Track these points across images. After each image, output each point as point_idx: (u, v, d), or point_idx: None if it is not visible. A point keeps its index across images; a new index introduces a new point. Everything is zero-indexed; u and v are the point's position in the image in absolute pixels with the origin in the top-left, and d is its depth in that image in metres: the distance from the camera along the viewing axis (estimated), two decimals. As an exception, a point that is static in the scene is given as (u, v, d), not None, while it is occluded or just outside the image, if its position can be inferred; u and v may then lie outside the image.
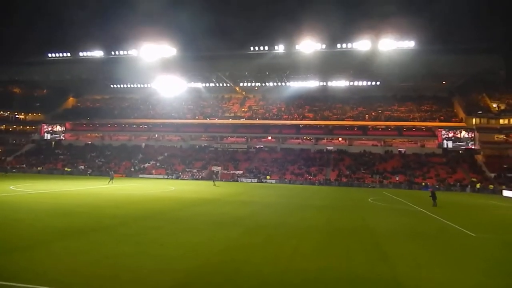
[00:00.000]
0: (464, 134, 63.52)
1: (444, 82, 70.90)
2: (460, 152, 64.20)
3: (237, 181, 59.39)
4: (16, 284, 7.49)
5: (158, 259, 9.74)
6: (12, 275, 8.05)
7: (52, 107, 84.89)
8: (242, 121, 75.73)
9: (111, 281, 7.92)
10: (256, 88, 79.54)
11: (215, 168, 62.45)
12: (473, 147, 63.04)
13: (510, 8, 66.68)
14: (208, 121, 76.91)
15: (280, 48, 62.88)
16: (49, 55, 73.51)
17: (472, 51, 58.30)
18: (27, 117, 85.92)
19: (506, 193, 46.49)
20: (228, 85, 77.89)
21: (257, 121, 74.98)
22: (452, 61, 59.86)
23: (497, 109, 64.96)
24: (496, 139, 63.15)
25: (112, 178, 42.87)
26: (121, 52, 69.55)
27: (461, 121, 66.17)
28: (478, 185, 52.05)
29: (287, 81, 74.06)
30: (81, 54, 71.92)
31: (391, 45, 58.34)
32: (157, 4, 70.59)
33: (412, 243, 13.37)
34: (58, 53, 73.27)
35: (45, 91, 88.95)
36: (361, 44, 59.22)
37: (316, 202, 28.37)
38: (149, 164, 67.48)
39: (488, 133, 62.80)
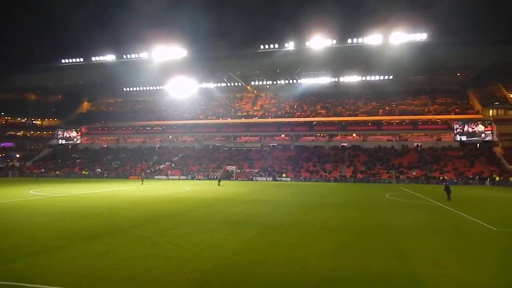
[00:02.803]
0: (481, 127, 62.25)
1: (458, 74, 69.58)
2: (478, 144, 62.93)
3: (252, 180, 59.41)
4: (35, 286, 7.63)
5: (173, 260, 9.78)
6: (32, 277, 8.19)
7: (67, 112, 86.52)
8: (255, 120, 75.74)
9: (127, 283, 7.97)
10: (267, 86, 79.37)
11: (230, 168, 62.62)
12: (490, 139, 61.70)
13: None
14: (220, 121, 77.17)
15: (290, 46, 62.51)
16: (63, 61, 74.68)
17: (486, 43, 56.80)
18: (43, 122, 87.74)
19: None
20: (240, 84, 77.95)
21: (269, 120, 74.88)
22: (465, 53, 58.49)
23: (514, 99, 63.42)
24: (515, 130, 61.62)
25: (143, 180, 46.88)
26: (132, 56, 70.14)
27: (477, 113, 64.88)
28: (497, 178, 50.90)
29: (299, 78, 73.63)
30: (93, 58, 72.81)
31: (403, 38, 57.35)
32: (166, 6, 71.04)
33: (430, 239, 13.10)
34: (71, 58, 74.35)
35: (59, 96, 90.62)
36: (372, 38, 58.38)
37: (331, 199, 28.15)
38: (164, 166, 68.07)
39: (506, 124, 61.30)
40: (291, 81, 74.58)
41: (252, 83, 78.22)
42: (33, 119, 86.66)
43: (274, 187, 43.46)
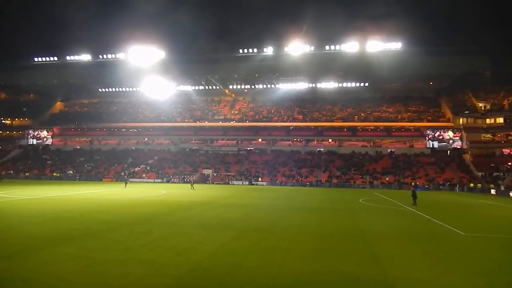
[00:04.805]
0: (450, 134, 64.44)
1: (431, 83, 71.82)
2: (448, 152, 65.05)
3: (229, 183, 59.23)
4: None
5: (148, 264, 9.61)
6: (-1, 284, 7.88)
7: (39, 112, 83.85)
8: (232, 123, 75.68)
9: (101, 288, 7.79)
10: (245, 90, 79.56)
11: (206, 171, 62.25)
12: (459, 147, 63.97)
13: (496, 10, 67.82)
14: (198, 124, 76.71)
15: (269, 51, 62.97)
16: (36, 59, 72.41)
17: (458, 52, 59.14)
18: (13, 122, 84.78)
19: (494, 191, 47.15)
20: (218, 87, 77.79)
21: (247, 124, 74.99)
22: (439, 62, 60.67)
23: (483, 108, 66.09)
24: (483, 138, 64.22)
25: (126, 182, 45.84)
26: (109, 56, 68.85)
27: (448, 121, 67.16)
28: (471, 185, 52.30)
29: (277, 83, 74.15)
30: (68, 58, 71.00)
31: (378, 46, 58.84)
32: (145, 7, 70.18)
33: (402, 243, 13.43)
34: (45, 57, 72.25)
35: (32, 95, 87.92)
36: (349, 46, 59.58)
37: (307, 204, 28.41)
38: (139, 168, 66.95)
39: (475, 132, 63.87)
40: (269, 86, 75.07)
41: (231, 86, 78.23)
42: (2, 118, 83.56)
43: (251, 191, 43.48)
